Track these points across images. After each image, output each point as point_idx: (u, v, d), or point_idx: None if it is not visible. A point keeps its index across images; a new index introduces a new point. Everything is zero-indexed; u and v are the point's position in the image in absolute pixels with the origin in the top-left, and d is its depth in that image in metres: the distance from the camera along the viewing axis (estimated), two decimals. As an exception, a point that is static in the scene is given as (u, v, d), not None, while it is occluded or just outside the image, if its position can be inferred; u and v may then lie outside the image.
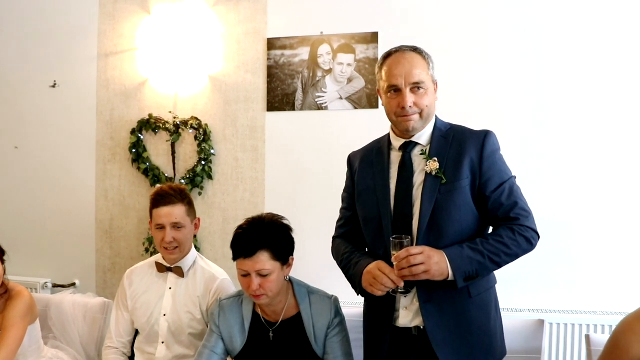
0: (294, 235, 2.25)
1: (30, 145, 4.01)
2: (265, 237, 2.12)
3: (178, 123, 3.73)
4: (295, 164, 3.64)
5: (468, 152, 2.01)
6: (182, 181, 3.70)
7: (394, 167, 2.10)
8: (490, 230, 2.09)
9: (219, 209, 3.75)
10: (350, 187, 2.27)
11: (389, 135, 2.18)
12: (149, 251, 3.70)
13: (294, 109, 3.62)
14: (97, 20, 3.86)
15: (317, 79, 3.58)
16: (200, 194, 3.72)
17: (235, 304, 2.33)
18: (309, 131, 3.61)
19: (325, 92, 3.57)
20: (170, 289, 2.62)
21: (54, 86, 3.94)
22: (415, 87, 2.01)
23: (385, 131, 2.25)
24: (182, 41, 3.67)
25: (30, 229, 4.01)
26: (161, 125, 3.75)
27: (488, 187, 1.99)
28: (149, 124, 3.77)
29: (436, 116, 2.13)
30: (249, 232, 2.14)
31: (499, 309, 2.15)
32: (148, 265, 2.72)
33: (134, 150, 3.78)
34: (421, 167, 2.03)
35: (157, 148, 3.81)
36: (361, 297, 2.14)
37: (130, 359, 2.69)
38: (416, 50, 2.07)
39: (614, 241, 3.23)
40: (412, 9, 3.45)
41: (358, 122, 3.51)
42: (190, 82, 3.74)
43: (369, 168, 2.16)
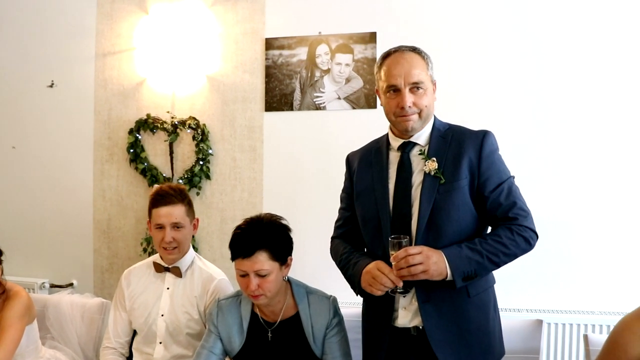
0: (292, 236, 2.25)
1: (27, 145, 4.00)
2: (264, 237, 2.12)
3: (176, 123, 3.72)
4: (293, 164, 3.63)
5: (467, 152, 2.01)
6: (180, 181, 3.69)
7: (392, 167, 2.10)
8: (488, 230, 2.10)
9: (217, 209, 3.74)
10: (348, 187, 2.27)
11: (387, 135, 2.18)
12: (146, 251, 3.69)
13: (292, 109, 3.61)
14: (94, 20, 3.86)
15: (315, 79, 3.58)
16: (198, 194, 3.72)
17: (233, 304, 2.33)
18: (307, 131, 3.60)
19: (323, 92, 3.57)
20: (168, 289, 2.62)
21: (51, 86, 3.93)
22: (415, 87, 2.01)
23: (384, 131, 2.25)
24: (180, 41, 3.67)
25: (28, 229, 4.00)
26: (159, 125, 3.74)
27: (487, 187, 1.99)
28: (146, 124, 3.76)
29: (435, 116, 2.13)
30: (248, 232, 2.14)
31: (498, 308, 2.15)
32: (146, 266, 2.72)
33: (131, 150, 3.77)
34: (420, 167, 2.03)
35: (154, 148, 3.81)
36: (360, 297, 2.14)
37: (128, 359, 2.68)
38: (415, 50, 2.07)
39: (612, 241, 3.24)
40: (410, 9, 3.45)
41: (356, 122, 3.50)
42: (188, 82, 3.73)
43: (368, 168, 2.16)
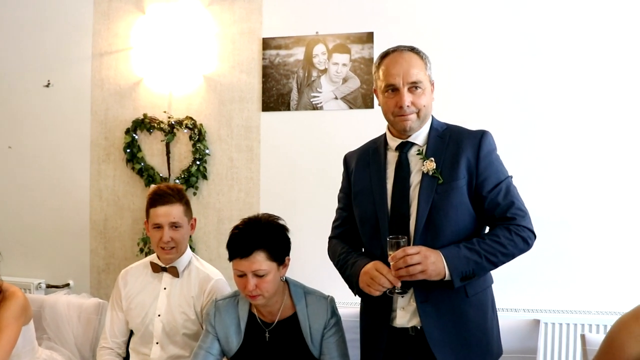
0: (289, 236, 2.24)
1: (24, 145, 3.99)
2: (262, 238, 2.12)
3: (173, 123, 3.71)
4: (290, 164, 3.63)
5: (465, 152, 2.01)
6: (177, 181, 3.69)
7: (390, 167, 2.09)
8: (486, 230, 2.10)
9: (214, 209, 3.74)
10: (346, 187, 2.27)
11: (385, 135, 2.18)
12: (143, 251, 3.68)
13: (289, 109, 3.61)
14: (91, 19, 3.85)
15: (312, 78, 3.58)
16: (195, 194, 3.71)
17: (231, 304, 2.32)
18: (304, 131, 3.60)
19: (320, 92, 3.57)
20: (165, 289, 2.61)
21: (47, 85, 3.92)
22: (413, 86, 2.01)
23: (381, 131, 2.24)
24: (177, 41, 3.66)
25: (24, 229, 3.99)
26: (156, 125, 3.74)
27: (485, 187, 1.99)
28: (143, 124, 3.75)
29: (432, 116, 2.12)
30: (245, 232, 2.14)
31: (496, 308, 2.15)
32: (143, 265, 2.71)
33: (128, 150, 3.76)
34: (418, 167, 2.03)
35: (151, 148, 3.80)
36: (358, 297, 2.14)
37: (125, 359, 2.68)
38: (413, 50, 2.07)
39: (609, 241, 3.24)
40: (407, 9, 3.45)
41: (353, 122, 3.50)
42: (185, 81, 3.73)
43: (366, 168, 2.16)
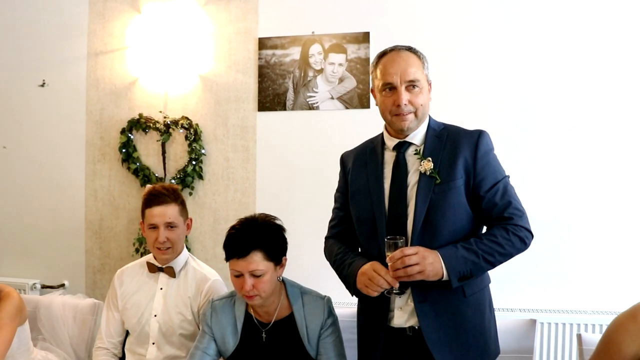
0: (286, 236, 2.24)
1: (18, 144, 3.97)
2: (259, 237, 2.11)
3: (168, 123, 3.70)
4: (286, 164, 3.63)
5: (462, 152, 2.01)
6: (173, 181, 3.68)
7: (387, 167, 2.09)
8: (484, 229, 2.10)
9: (210, 209, 3.73)
10: (343, 187, 2.26)
11: (382, 135, 2.18)
12: (139, 251, 3.67)
13: (285, 109, 3.61)
14: (86, 19, 3.83)
15: (308, 78, 3.57)
16: (190, 194, 3.70)
17: (227, 304, 2.32)
18: (300, 131, 3.60)
19: (316, 92, 3.57)
20: (161, 289, 2.61)
21: (42, 85, 3.90)
22: (411, 85, 2.01)
23: (377, 131, 2.24)
24: (173, 40, 3.65)
25: (19, 229, 3.97)
26: (151, 124, 3.73)
27: (482, 186, 1.99)
28: (139, 124, 3.74)
29: (430, 116, 2.12)
30: (242, 232, 2.13)
31: (493, 308, 2.15)
32: (139, 265, 2.71)
33: (123, 150, 3.75)
34: (415, 167, 2.03)
35: (147, 148, 3.79)
36: (355, 297, 2.13)
37: (121, 359, 2.67)
38: (411, 49, 2.07)
39: (605, 241, 3.25)
40: (403, 9, 3.45)
41: (349, 122, 3.50)
42: (181, 81, 3.72)
43: (363, 168, 2.16)
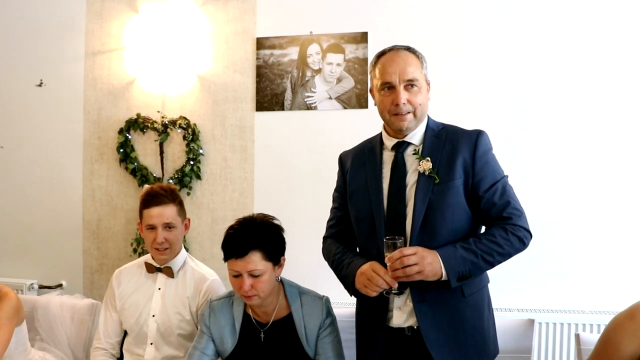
0: (284, 236, 2.24)
1: (16, 144, 3.96)
2: (257, 237, 2.11)
3: (166, 123, 3.70)
4: (284, 164, 3.62)
5: (461, 152, 2.01)
6: (171, 181, 3.67)
7: (386, 166, 2.09)
8: (482, 229, 2.10)
9: (208, 209, 3.72)
10: (341, 186, 2.26)
11: (380, 134, 2.18)
12: (136, 252, 3.66)
13: (283, 109, 3.60)
14: (84, 18, 3.82)
15: (307, 78, 3.57)
16: (188, 194, 3.69)
17: (225, 304, 2.31)
18: (298, 131, 3.59)
19: (314, 92, 3.56)
20: (160, 289, 2.60)
21: (40, 85, 3.89)
22: (409, 84, 2.01)
23: (375, 131, 2.24)
24: (171, 40, 3.64)
25: (16, 229, 3.96)
26: (149, 124, 3.72)
27: (481, 186, 1.99)
28: (136, 124, 3.74)
29: (428, 116, 2.12)
30: (241, 232, 2.13)
31: (492, 308, 2.15)
32: (137, 266, 2.70)
33: (121, 150, 3.74)
34: (414, 167, 2.03)
35: (145, 148, 3.78)
36: (354, 297, 2.13)
37: (119, 359, 2.67)
38: (410, 49, 2.07)
39: (603, 241, 3.25)
40: (401, 9, 3.45)
41: (347, 122, 3.50)
42: (179, 81, 3.71)
43: (361, 168, 2.15)
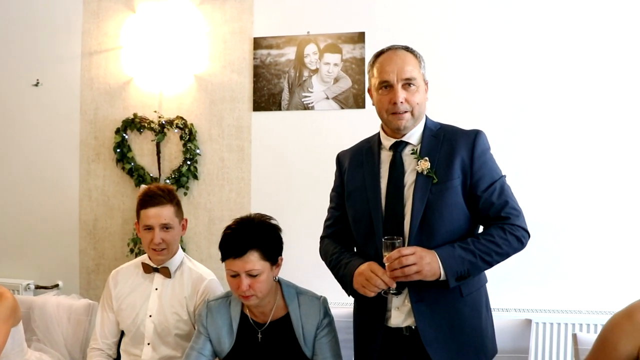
0: (281, 236, 2.23)
1: (12, 144, 3.95)
2: (255, 237, 2.11)
3: (163, 123, 3.69)
4: (281, 164, 3.62)
5: (459, 152, 2.01)
6: (167, 181, 3.67)
7: (384, 166, 2.09)
8: (480, 229, 2.10)
9: (205, 209, 3.72)
10: (339, 186, 2.25)
11: (378, 134, 2.17)
12: (133, 252, 3.65)
13: (280, 109, 3.60)
14: (81, 18, 3.82)
15: (304, 78, 3.57)
16: (185, 194, 3.69)
17: (223, 305, 2.31)
18: (295, 131, 3.59)
19: (311, 92, 3.56)
20: (157, 289, 2.59)
21: (36, 85, 3.88)
22: (407, 83, 2.01)
23: (372, 131, 2.24)
24: (168, 40, 3.64)
25: (12, 229, 3.95)
26: (146, 124, 3.71)
27: (479, 186, 1.99)
28: (133, 124, 3.73)
29: (426, 116, 2.12)
30: (238, 232, 2.13)
31: (490, 307, 2.15)
32: (134, 266, 2.70)
33: (118, 150, 3.74)
34: (412, 166, 2.03)
35: (141, 148, 3.78)
36: (352, 297, 2.13)
37: (116, 360, 2.67)
38: (408, 49, 2.07)
39: (601, 241, 3.26)
40: (398, 9, 3.46)
41: (344, 122, 3.50)
42: (176, 81, 3.71)
43: (359, 167, 2.15)
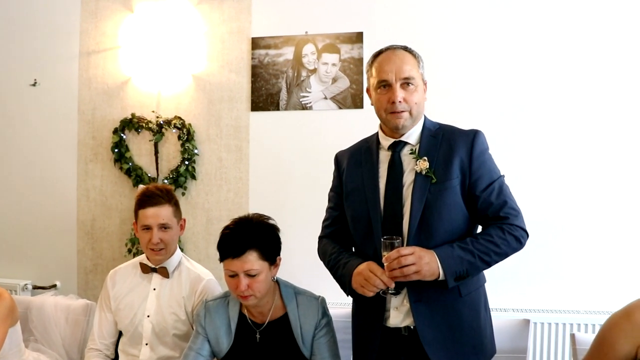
0: (279, 236, 2.24)
1: (9, 144, 3.94)
2: (254, 237, 2.11)
3: (161, 122, 3.69)
4: (279, 164, 3.62)
5: (458, 152, 2.01)
6: (165, 181, 3.66)
7: (383, 166, 2.09)
8: (479, 229, 2.10)
9: (203, 209, 3.72)
10: (337, 186, 2.25)
11: (377, 134, 2.17)
12: (131, 252, 3.65)
13: (278, 109, 3.60)
14: (79, 18, 3.81)
15: (302, 78, 3.57)
16: (183, 194, 3.68)
17: (221, 305, 2.31)
18: (293, 131, 3.59)
19: (309, 92, 3.56)
20: (155, 289, 2.59)
21: (34, 84, 3.87)
22: (405, 82, 2.00)
23: (370, 131, 2.24)
24: (166, 40, 3.64)
25: (10, 229, 3.94)
26: (144, 124, 3.71)
27: (478, 186, 1.99)
28: (131, 124, 3.72)
29: (425, 116, 2.12)
30: (237, 232, 2.13)
31: (489, 307, 2.16)
32: (132, 266, 2.69)
33: (116, 150, 3.73)
34: (411, 166, 2.03)
35: (139, 148, 3.77)
36: (350, 297, 2.12)
37: (114, 360, 2.66)
38: (407, 49, 2.07)
39: (599, 241, 3.26)
40: (396, 9, 3.45)
41: (342, 122, 3.50)
42: (174, 81, 3.70)
43: (358, 167, 2.15)
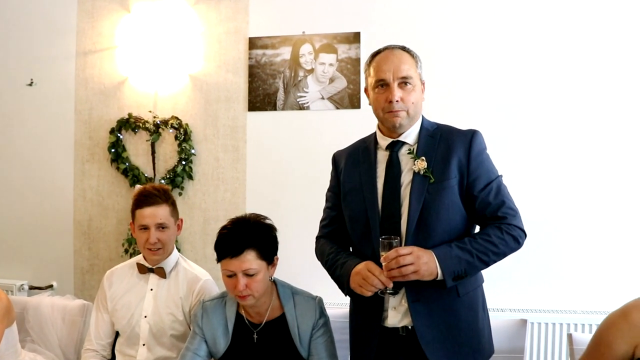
0: (277, 235, 2.23)
1: (6, 144, 3.93)
2: (251, 237, 2.11)
3: (158, 122, 3.69)
4: (276, 164, 3.62)
5: (456, 152, 2.01)
6: (162, 181, 3.66)
7: (380, 166, 2.09)
8: (477, 229, 2.10)
9: (200, 209, 3.71)
10: (335, 186, 2.25)
11: (375, 134, 2.17)
12: (128, 252, 3.64)
13: (275, 109, 3.60)
14: (75, 17, 3.80)
15: (299, 78, 3.57)
16: (180, 194, 3.68)
17: (218, 305, 2.30)
18: (290, 131, 3.59)
19: (306, 92, 3.56)
20: (152, 290, 2.59)
21: (31, 84, 3.86)
22: (403, 82, 2.00)
23: (367, 131, 2.24)
24: (163, 40, 3.63)
25: (7, 229, 3.93)
26: (141, 124, 3.71)
27: (475, 186, 2.00)
28: (128, 124, 3.72)
29: (423, 116, 2.12)
30: (235, 231, 2.12)
31: (487, 307, 2.15)
32: (129, 266, 2.68)
33: (113, 150, 3.73)
34: (409, 166, 2.03)
35: (136, 148, 3.77)
36: (348, 297, 2.12)
37: (110, 361, 2.66)
38: (404, 48, 2.08)
39: (596, 241, 3.27)
40: (394, 9, 3.46)
41: (340, 122, 3.50)
42: (171, 81, 3.70)
43: (356, 167, 2.15)
